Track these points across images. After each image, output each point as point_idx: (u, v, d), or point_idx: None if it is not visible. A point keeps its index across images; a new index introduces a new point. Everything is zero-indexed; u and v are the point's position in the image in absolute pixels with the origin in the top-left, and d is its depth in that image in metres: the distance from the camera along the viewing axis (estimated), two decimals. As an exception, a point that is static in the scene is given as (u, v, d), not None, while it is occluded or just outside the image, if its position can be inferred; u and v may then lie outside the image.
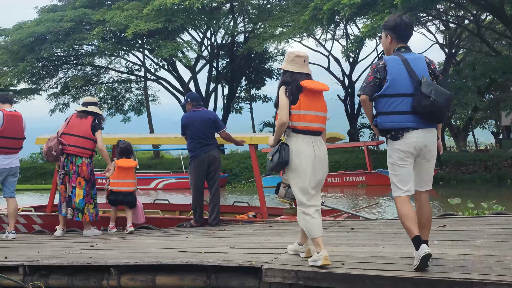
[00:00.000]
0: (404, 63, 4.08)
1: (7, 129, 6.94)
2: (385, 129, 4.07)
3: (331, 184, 23.94)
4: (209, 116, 7.33)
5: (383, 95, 4.03)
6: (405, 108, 3.98)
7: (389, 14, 20.66)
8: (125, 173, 7.21)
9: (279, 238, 5.52)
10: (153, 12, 26.16)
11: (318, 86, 4.50)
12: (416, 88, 3.97)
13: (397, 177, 4.06)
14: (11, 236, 6.96)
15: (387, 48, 4.32)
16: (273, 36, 29.72)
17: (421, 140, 3.99)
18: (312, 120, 4.45)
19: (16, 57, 28.85)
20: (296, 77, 4.49)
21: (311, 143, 4.44)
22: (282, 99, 4.43)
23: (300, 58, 4.57)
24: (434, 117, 3.98)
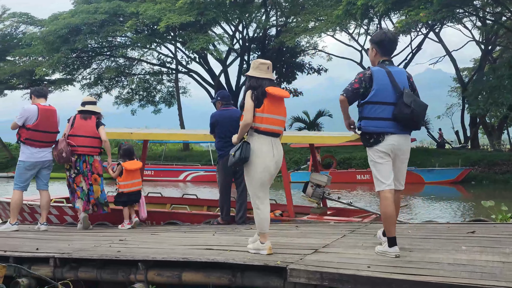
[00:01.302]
0: (388, 75, 4.62)
1: (41, 123, 7.11)
2: (369, 132, 4.60)
3: (360, 181, 23.76)
4: (238, 115, 7.32)
5: (368, 102, 4.57)
6: (387, 115, 4.54)
7: (425, 10, 20.47)
8: (132, 174, 7.47)
9: (305, 239, 5.51)
10: (186, 5, 26.26)
11: (280, 93, 5.05)
12: (398, 98, 4.53)
13: (379, 173, 4.60)
14: (43, 227, 7.14)
15: (372, 59, 4.88)
16: (306, 30, 29.52)
17: (397, 144, 4.59)
18: (273, 123, 5.00)
19: (51, 48, 29.31)
20: (261, 82, 4.97)
21: (271, 143, 4.98)
22: (248, 103, 4.95)
23: (264, 65, 5.09)
24: (411, 124, 4.59)
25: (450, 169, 23.35)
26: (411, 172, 23.24)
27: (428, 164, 24.84)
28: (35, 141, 7.12)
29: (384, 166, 4.60)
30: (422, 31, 29.67)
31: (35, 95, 7.36)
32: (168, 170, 27.39)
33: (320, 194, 7.66)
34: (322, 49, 35.66)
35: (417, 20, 20.66)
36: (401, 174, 4.77)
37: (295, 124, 36.12)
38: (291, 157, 27.27)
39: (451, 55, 31.78)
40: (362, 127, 4.64)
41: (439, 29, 30.74)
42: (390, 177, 4.60)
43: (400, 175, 4.77)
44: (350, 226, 6.43)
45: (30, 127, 7.07)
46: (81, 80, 36.29)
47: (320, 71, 36.17)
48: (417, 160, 25.67)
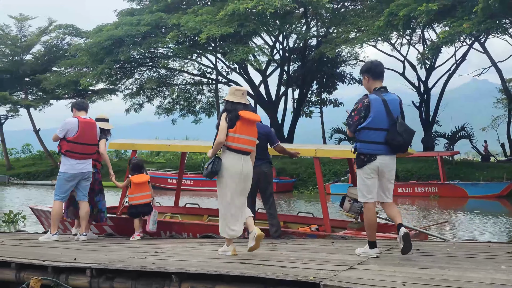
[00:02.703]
0: (384, 103, 5.26)
1: (81, 136, 7.28)
2: (363, 153, 5.30)
3: (401, 194, 23.32)
4: (262, 131, 7.33)
5: (365, 128, 5.25)
6: (380, 139, 5.24)
7: (468, 21, 20.05)
8: (140, 187, 7.73)
9: (341, 255, 5.43)
10: (226, 17, 26.50)
11: (252, 117, 5.75)
12: (391, 125, 5.22)
13: (366, 188, 5.34)
14: (82, 238, 7.29)
15: (367, 87, 5.54)
16: (347, 40, 29.35)
17: (385, 163, 5.30)
18: (244, 142, 5.69)
19: (95, 59, 30.06)
20: (235, 106, 5.71)
21: (240, 160, 5.68)
22: (222, 124, 5.69)
23: (239, 91, 5.82)
24: (400, 149, 5.31)
25: (495, 183, 22.67)
26: (455, 186, 22.71)
27: (472, 177, 24.19)
28: (75, 153, 7.28)
29: (371, 181, 5.32)
30: (466, 41, 29.05)
31: (76, 108, 7.56)
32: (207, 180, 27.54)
33: (358, 209, 7.55)
34: (363, 59, 35.36)
35: (461, 31, 20.25)
36: (388, 189, 5.42)
37: (335, 135, 35.83)
38: (330, 168, 27.03)
39: (496, 66, 30.96)
40: (358, 149, 5.35)
41: (484, 40, 30.02)
42: (373, 192, 5.34)
43: (387, 189, 5.41)
44: (387, 242, 6.30)
45: (70, 140, 7.24)
46: (123, 90, 37.10)
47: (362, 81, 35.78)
48: (460, 173, 25.05)
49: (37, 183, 33.02)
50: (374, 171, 5.30)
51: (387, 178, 5.37)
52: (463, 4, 21.89)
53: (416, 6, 21.51)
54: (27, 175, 36.14)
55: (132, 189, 7.73)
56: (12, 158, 43.29)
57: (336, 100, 36.59)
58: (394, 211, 5.44)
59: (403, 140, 5.23)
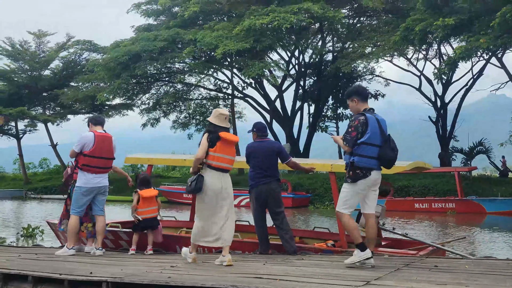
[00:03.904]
0: (377, 122, 5.78)
1: (97, 150, 7.33)
2: (360, 167, 5.66)
3: (418, 210, 23.08)
4: (273, 147, 7.35)
5: (364, 143, 5.67)
6: (373, 154, 5.70)
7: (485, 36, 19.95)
8: (148, 202, 7.82)
9: (358, 270, 5.39)
10: (242, 33, 26.67)
11: (231, 138, 6.42)
12: (383, 142, 5.73)
13: (351, 200, 5.75)
14: (98, 252, 7.31)
15: (356, 109, 5.99)
16: (362, 55, 29.33)
17: (377, 177, 5.79)
18: (223, 161, 6.32)
19: (113, 74, 30.32)
20: (217, 128, 6.34)
21: (220, 177, 6.31)
22: (203, 143, 6.30)
23: (223, 115, 6.43)
24: (389, 164, 5.81)
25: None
26: (472, 202, 22.42)
27: (490, 193, 23.88)
28: (92, 167, 7.34)
29: (359, 198, 5.80)
30: (483, 56, 28.87)
31: (93, 123, 7.63)
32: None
33: (374, 225, 7.47)
34: (379, 75, 35.30)
35: (478, 46, 20.15)
36: (374, 201, 5.91)
37: (352, 150, 35.63)
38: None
39: (514, 80, 30.67)
40: (356, 162, 5.67)
41: (502, 55, 29.81)
42: (355, 205, 5.80)
43: (373, 202, 5.90)
44: (405, 259, 6.24)
45: (87, 154, 7.30)
46: (140, 105, 37.36)
47: (378, 96, 35.73)
48: (478, 189, 24.74)
49: (54, 198, 33.25)
50: (368, 186, 5.74)
51: (373, 190, 5.84)
52: (480, 19, 21.81)
53: (433, 21, 21.48)
54: (44, 189, 36.39)
55: (140, 203, 7.78)
56: (30, 172, 43.72)
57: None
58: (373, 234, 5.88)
59: (395, 155, 5.78)
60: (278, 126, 35.16)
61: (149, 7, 34.38)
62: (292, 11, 25.97)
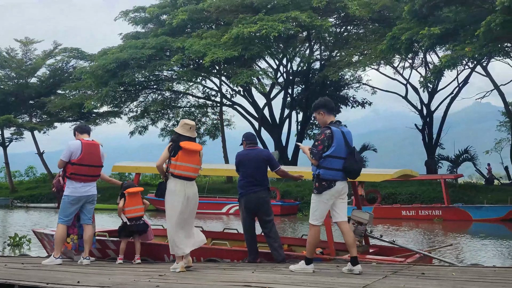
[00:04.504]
0: (343, 135, 5.97)
1: (85, 157, 7.29)
2: (325, 179, 5.86)
3: (405, 217, 23.20)
4: (263, 156, 7.36)
5: (329, 156, 5.86)
6: (338, 166, 5.88)
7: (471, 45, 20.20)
8: (134, 199, 7.79)
9: (346, 278, 5.42)
10: (230, 41, 26.77)
11: (193, 147, 6.55)
12: (348, 154, 5.90)
13: (319, 212, 5.97)
14: (85, 261, 7.26)
15: (323, 121, 6.16)
16: (349, 64, 29.55)
17: (341, 188, 5.96)
18: (185, 169, 6.48)
19: (100, 82, 30.21)
20: (180, 138, 6.53)
21: (183, 185, 6.46)
22: (165, 152, 6.54)
23: (187, 125, 6.65)
24: (355, 176, 6.00)
25: (499, 206, 22.54)
26: (458, 209, 22.59)
27: (476, 200, 24.09)
28: (80, 176, 7.29)
29: (326, 207, 5.97)
30: (468, 65, 29.19)
31: (79, 132, 7.58)
32: (211, 202, 27.51)
33: (362, 232, 7.54)
34: (366, 83, 35.54)
35: (463, 54, 20.40)
36: (343, 210, 6.03)
37: (339, 158, 35.76)
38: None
39: (499, 89, 31.04)
40: (321, 175, 5.88)
41: (487, 63, 30.17)
42: (324, 217, 6.03)
43: (342, 210, 6.02)
44: (392, 266, 6.28)
45: (74, 162, 7.25)
46: (128, 113, 37.25)
47: (365, 104, 35.98)
48: (464, 196, 24.94)
49: (41, 206, 32.96)
50: (333, 196, 5.93)
51: (341, 199, 6.02)
52: (465, 28, 22.09)
53: (418, 30, 21.71)
54: (30, 198, 36.09)
55: (127, 201, 7.72)
56: (16, 180, 43.31)
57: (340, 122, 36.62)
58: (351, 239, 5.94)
59: (359, 167, 5.99)
60: (266, 133, 35.22)
61: (137, 15, 34.41)
62: (280, 20, 26.14)
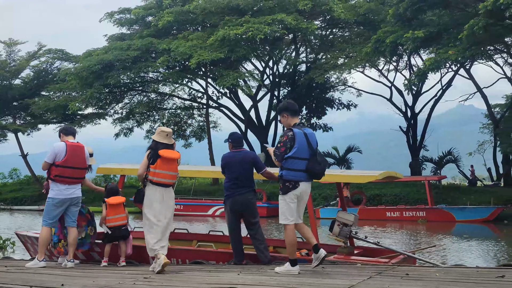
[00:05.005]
0: (305, 136, 6.07)
1: (70, 159, 7.24)
2: (288, 180, 6.01)
3: (390, 218, 23.35)
4: (248, 158, 7.36)
5: (291, 157, 6.00)
6: (301, 167, 6.02)
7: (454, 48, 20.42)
8: (115, 209, 7.72)
9: (331, 279, 5.45)
10: (216, 43, 26.76)
11: (171, 155, 6.74)
12: (311, 155, 6.03)
13: (288, 211, 6.05)
14: (70, 264, 7.21)
15: (287, 123, 6.28)
16: (335, 66, 29.72)
17: (305, 189, 6.13)
18: (164, 177, 6.68)
19: (85, 83, 29.99)
20: (158, 145, 6.72)
21: (161, 192, 6.66)
22: (144, 160, 6.73)
23: (164, 132, 6.88)
24: (318, 176, 6.16)
25: (482, 207, 22.79)
26: (442, 210, 22.79)
27: (459, 202, 24.32)
28: (64, 178, 7.24)
29: (293, 206, 6.06)
30: (452, 68, 29.52)
31: (64, 133, 7.53)
32: (197, 204, 27.46)
33: (347, 233, 7.57)
34: (351, 85, 35.76)
35: (446, 57, 20.63)
36: (302, 211, 6.23)
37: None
38: (320, 192, 27.03)
39: (482, 91, 31.43)
40: (284, 176, 6.03)
41: (470, 66, 30.53)
42: (295, 215, 6.08)
43: (301, 212, 6.22)
44: (377, 267, 6.33)
45: (59, 164, 7.19)
46: (113, 115, 36.97)
47: (350, 106, 36.19)
48: (448, 197, 25.17)
49: (24, 209, 32.62)
50: (297, 196, 6.04)
51: (303, 201, 6.20)
52: (449, 31, 22.34)
53: (403, 33, 21.90)
54: (14, 200, 35.70)
55: (108, 211, 7.67)
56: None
57: (326, 125, 36.80)
58: (308, 232, 6.26)
59: (321, 168, 6.13)
60: (253, 135, 35.25)
61: (123, 16, 34.23)
62: (266, 22, 26.19)
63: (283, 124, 6.41)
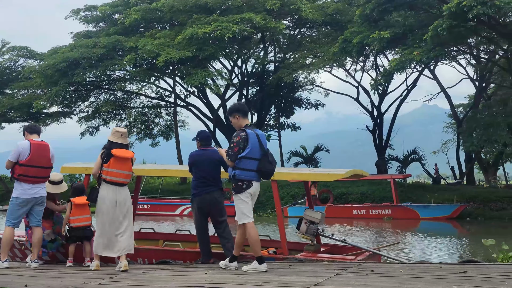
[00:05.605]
0: (257, 137, 6.20)
1: (34, 158, 7.10)
2: (241, 179, 6.10)
3: (356, 216, 23.68)
4: (217, 156, 7.30)
5: (244, 157, 6.09)
6: (253, 167, 6.13)
7: (419, 49, 20.80)
8: (80, 209, 7.59)
9: (298, 277, 5.50)
10: (184, 41, 26.63)
11: (124, 154, 6.83)
12: (262, 156, 6.16)
13: (246, 210, 6.14)
14: (34, 265, 7.08)
15: (238, 124, 6.34)
16: (303, 66, 29.93)
17: (257, 188, 6.25)
18: (117, 176, 6.78)
19: (50, 81, 29.45)
20: (112, 145, 6.83)
21: (115, 191, 6.76)
22: (98, 159, 6.85)
23: (118, 132, 6.95)
24: (268, 176, 6.31)
25: (445, 205, 23.32)
26: (407, 208, 23.22)
27: (423, 200, 24.83)
28: (28, 177, 7.09)
29: (249, 205, 6.16)
30: (417, 68, 30.06)
31: (28, 132, 7.38)
32: (165, 204, 27.28)
33: (314, 231, 7.64)
34: (319, 85, 36.03)
35: (411, 58, 21.01)
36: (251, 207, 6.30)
37: (293, 158, 36.13)
38: (288, 191, 27.21)
39: (446, 91, 32.12)
40: (237, 175, 6.12)
41: (434, 67, 31.15)
42: (250, 212, 6.19)
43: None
44: (343, 265, 6.42)
45: (23, 163, 7.05)
46: (78, 113, 36.41)
47: (318, 106, 36.48)
48: (412, 195, 25.64)
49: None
50: (250, 195, 6.16)
51: (254, 201, 6.28)
52: (414, 33, 22.74)
53: (369, 34, 22.20)
54: (-24, 200, 34.81)
55: (73, 211, 7.55)
56: (-40, 182, 41.63)
57: (294, 124, 37.03)
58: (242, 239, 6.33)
59: (272, 168, 6.26)
60: (221, 134, 35.19)
61: (89, 14, 33.73)
62: (235, 21, 26.19)
63: (234, 125, 6.44)
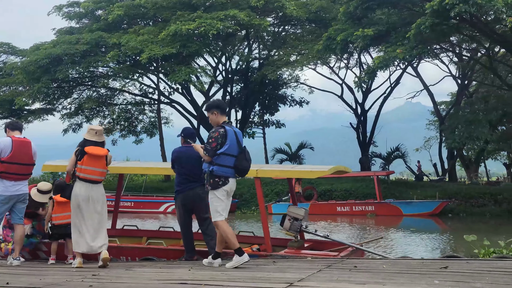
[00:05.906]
0: (235, 134, 6.22)
1: (16, 155, 7.04)
2: (218, 175, 6.10)
3: (340, 213, 23.79)
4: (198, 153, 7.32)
5: (223, 153, 6.10)
6: (230, 164, 6.16)
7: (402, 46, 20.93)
8: (62, 207, 7.55)
9: (281, 273, 5.51)
10: (168, 37, 26.50)
11: (97, 152, 6.88)
12: (239, 153, 6.19)
13: (221, 207, 6.15)
14: (15, 262, 7.02)
15: (215, 121, 6.33)
16: (287, 63, 29.98)
17: (233, 185, 6.26)
18: (90, 173, 6.83)
19: (32, 78, 29.16)
20: (86, 143, 6.89)
21: (88, 188, 6.81)
22: (72, 156, 6.92)
23: (93, 130, 7.01)
24: (244, 173, 6.31)
25: (428, 201, 23.55)
26: (390, 205, 23.41)
27: (406, 196, 25.04)
28: (10, 174, 7.03)
29: (225, 203, 6.18)
30: (400, 66, 30.28)
31: (10, 129, 7.32)
32: (148, 201, 27.17)
33: (298, 228, 7.68)
34: (304, 82, 36.14)
35: (395, 56, 21.16)
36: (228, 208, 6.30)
37: (277, 155, 36.24)
38: (273, 188, 27.25)
39: (428, 89, 32.41)
40: (215, 171, 6.10)
41: (417, 64, 31.42)
42: (226, 211, 6.22)
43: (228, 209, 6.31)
44: (327, 260, 6.45)
45: (4, 160, 6.98)
46: (61, 110, 36.09)
47: (302, 103, 36.57)
48: (396, 192, 25.86)
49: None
50: (227, 192, 6.17)
51: (230, 199, 6.30)
52: (397, 30, 22.89)
53: (353, 32, 22.28)
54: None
55: (55, 208, 7.52)
56: None
57: (278, 121, 37.10)
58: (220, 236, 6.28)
59: (248, 165, 6.28)
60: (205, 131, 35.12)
61: (71, 10, 33.41)
62: (219, 18, 26.12)
63: (211, 122, 6.42)
